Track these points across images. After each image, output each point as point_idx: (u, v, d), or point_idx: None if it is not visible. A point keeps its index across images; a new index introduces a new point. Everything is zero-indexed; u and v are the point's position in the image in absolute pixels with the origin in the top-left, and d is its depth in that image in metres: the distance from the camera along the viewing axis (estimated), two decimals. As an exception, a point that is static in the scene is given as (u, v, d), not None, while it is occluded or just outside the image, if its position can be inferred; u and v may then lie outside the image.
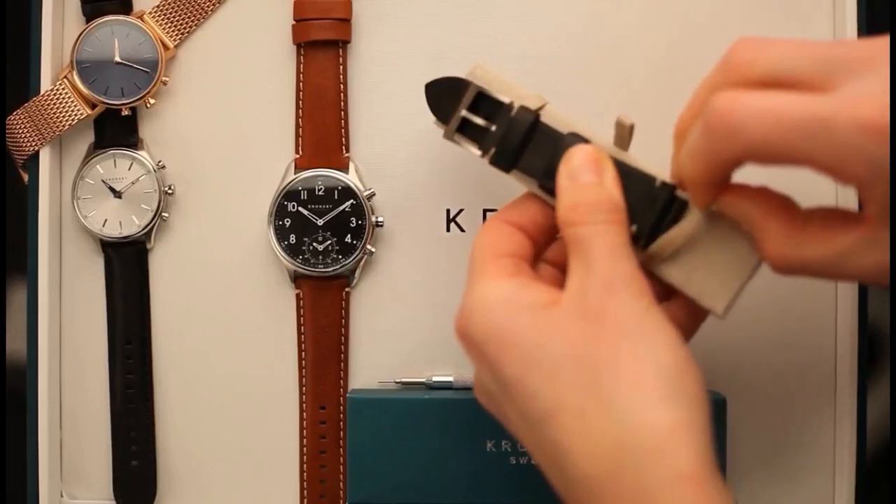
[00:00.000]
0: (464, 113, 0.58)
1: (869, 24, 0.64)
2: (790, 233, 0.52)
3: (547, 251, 0.57)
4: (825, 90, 0.49)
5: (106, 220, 0.65)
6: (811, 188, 0.56)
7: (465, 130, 0.58)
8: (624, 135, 0.56)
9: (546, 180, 0.56)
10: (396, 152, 0.65)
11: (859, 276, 0.51)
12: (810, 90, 0.49)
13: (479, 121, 0.58)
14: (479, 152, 0.58)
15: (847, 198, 0.63)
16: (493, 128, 0.57)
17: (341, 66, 0.65)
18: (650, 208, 0.55)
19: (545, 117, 0.57)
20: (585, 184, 0.54)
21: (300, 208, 0.64)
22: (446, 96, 0.59)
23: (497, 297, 0.52)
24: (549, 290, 0.53)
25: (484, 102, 0.58)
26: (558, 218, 0.54)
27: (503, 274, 0.53)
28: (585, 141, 0.56)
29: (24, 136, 0.64)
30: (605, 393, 0.49)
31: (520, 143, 0.57)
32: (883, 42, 0.49)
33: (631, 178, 0.56)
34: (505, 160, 0.57)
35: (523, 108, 0.57)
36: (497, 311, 0.52)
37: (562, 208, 0.54)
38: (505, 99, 0.58)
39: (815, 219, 0.52)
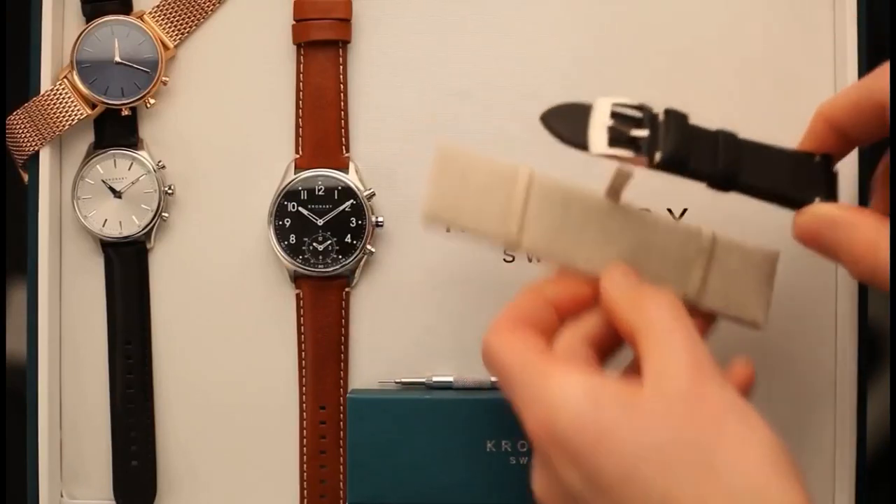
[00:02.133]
0: (611, 123, 0.55)
1: (869, 24, 0.64)
2: (886, 230, 0.52)
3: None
4: None
5: (106, 220, 0.65)
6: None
7: (611, 141, 0.55)
8: (620, 185, 0.56)
9: (724, 177, 0.56)
10: (396, 152, 0.65)
11: None
12: None
13: (637, 132, 0.55)
14: (638, 160, 0.55)
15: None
16: (645, 134, 0.55)
17: (341, 66, 0.65)
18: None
19: (536, 187, 0.57)
20: (641, 280, 0.54)
21: (300, 208, 0.64)
22: (572, 119, 0.56)
23: (582, 393, 0.49)
24: (622, 378, 0.51)
25: (618, 115, 0.55)
26: (619, 302, 0.52)
27: (575, 367, 0.51)
28: (735, 135, 0.56)
29: (24, 136, 0.64)
30: (723, 477, 0.47)
31: (686, 144, 0.55)
32: None
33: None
34: (677, 160, 0.55)
35: (671, 110, 0.56)
36: (586, 407, 0.49)
37: (623, 296, 0.53)
38: (646, 106, 0.56)
39: None
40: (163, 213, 0.65)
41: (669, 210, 0.65)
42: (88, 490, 0.66)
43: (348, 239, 0.64)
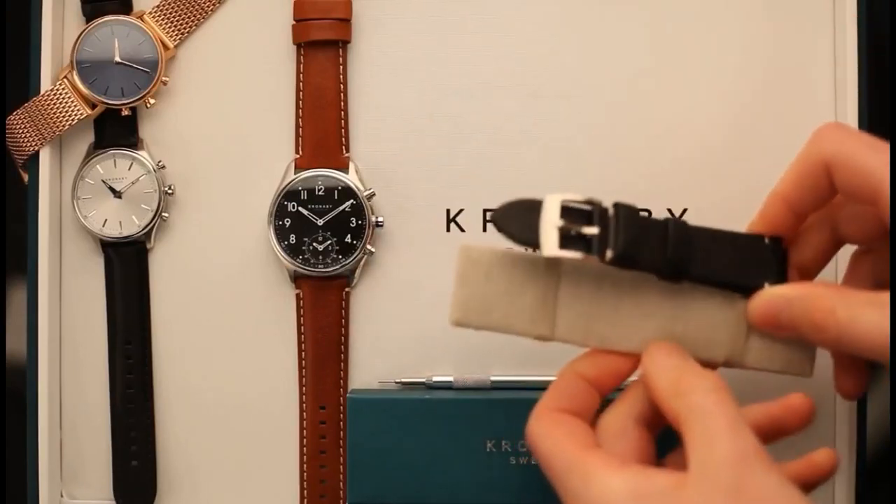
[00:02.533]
0: (561, 224, 0.55)
1: (869, 24, 0.64)
2: (839, 295, 0.53)
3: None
4: None
5: (106, 220, 0.65)
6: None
7: (562, 242, 0.55)
8: None
9: (675, 268, 0.56)
10: (396, 152, 0.65)
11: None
12: None
13: (587, 230, 0.55)
14: (589, 257, 0.55)
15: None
16: (596, 231, 0.55)
17: (341, 66, 0.65)
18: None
19: (565, 274, 0.57)
20: (684, 359, 0.53)
21: (300, 208, 0.64)
22: (523, 217, 0.56)
23: (625, 493, 0.49)
24: (664, 471, 0.51)
25: (568, 212, 0.56)
26: (661, 387, 0.52)
27: (618, 463, 0.51)
28: (684, 224, 0.56)
29: (24, 136, 0.64)
30: None
31: (637, 238, 0.55)
32: None
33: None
34: (630, 259, 0.55)
35: (619, 204, 0.56)
36: None
37: (666, 381, 0.52)
38: (595, 201, 0.56)
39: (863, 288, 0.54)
40: (163, 213, 0.65)
41: (669, 210, 0.65)
42: (88, 490, 0.66)
43: (348, 239, 0.64)
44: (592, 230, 0.55)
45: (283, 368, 0.65)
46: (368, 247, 0.64)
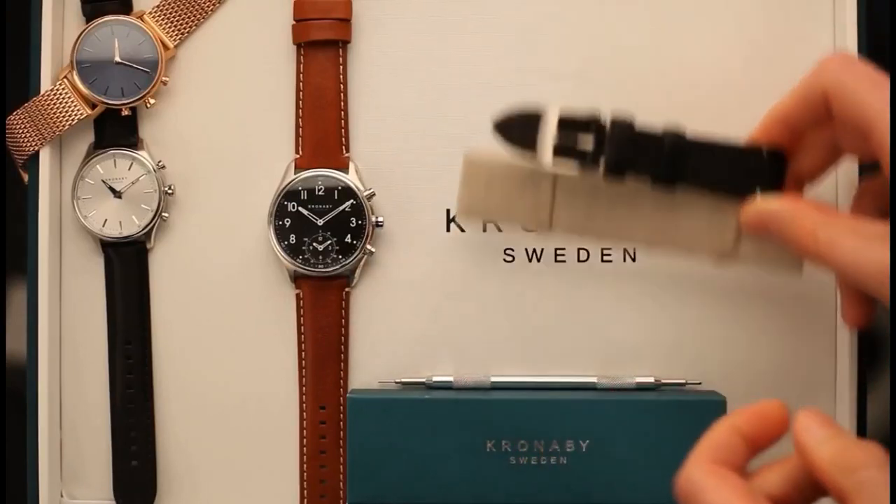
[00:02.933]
0: (558, 135, 0.58)
1: (869, 24, 0.64)
2: (825, 221, 0.54)
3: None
4: None
5: (106, 220, 0.65)
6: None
7: (557, 152, 0.59)
8: None
9: (667, 175, 0.58)
10: (396, 152, 0.65)
11: (871, 270, 0.52)
12: None
13: (584, 144, 0.58)
14: (584, 169, 0.59)
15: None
16: (591, 143, 0.58)
17: (341, 66, 0.65)
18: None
19: (561, 185, 0.60)
20: (840, 430, 0.52)
21: (300, 208, 0.64)
22: (523, 127, 0.59)
23: None
24: None
25: (567, 122, 0.59)
26: (824, 462, 0.51)
27: None
28: (682, 136, 0.59)
29: (24, 136, 0.64)
30: None
31: (631, 149, 0.58)
32: None
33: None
34: (622, 166, 0.58)
35: (618, 118, 0.58)
36: None
37: (829, 454, 0.51)
38: (593, 114, 0.59)
39: (847, 213, 0.56)
40: (163, 213, 0.65)
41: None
42: (88, 490, 0.66)
43: (348, 239, 0.64)
44: (588, 142, 0.58)
45: (283, 368, 0.65)
46: (368, 247, 0.64)
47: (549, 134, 0.59)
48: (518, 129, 0.59)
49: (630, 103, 0.65)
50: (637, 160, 0.58)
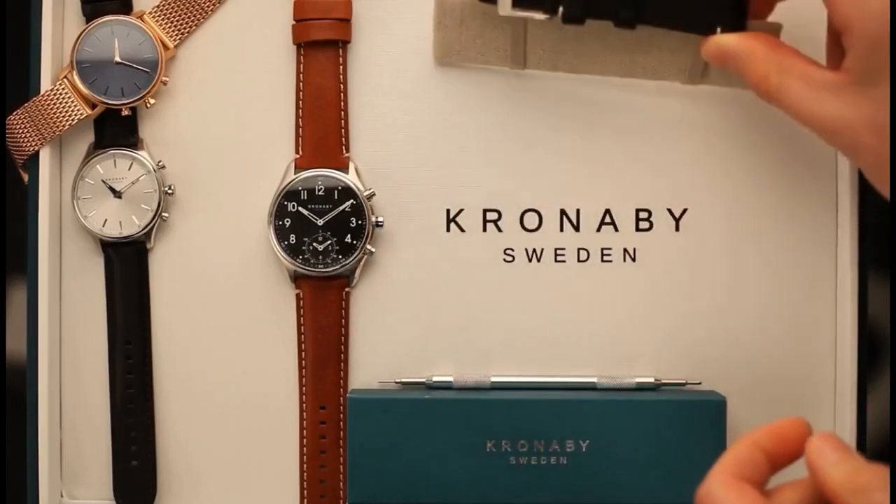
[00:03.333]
0: None
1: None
2: (776, 64, 0.55)
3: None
4: None
5: (106, 220, 0.65)
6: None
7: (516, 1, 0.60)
8: None
9: (626, 11, 0.59)
10: (396, 152, 0.65)
11: (813, 114, 0.54)
12: None
13: None
14: (544, 16, 0.60)
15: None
16: None
17: (341, 66, 0.65)
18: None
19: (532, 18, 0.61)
20: (851, 452, 0.53)
21: (300, 208, 0.64)
22: None
23: None
24: None
25: None
26: (838, 485, 0.52)
27: None
28: None
29: (24, 136, 0.64)
30: None
31: None
32: None
33: None
34: (579, 10, 0.59)
35: None
36: None
37: (841, 476, 0.52)
38: None
39: (801, 55, 0.56)
40: (163, 213, 0.65)
41: (669, 210, 0.65)
42: (88, 490, 0.66)
43: (348, 239, 0.64)
44: None
45: (283, 368, 0.65)
46: (368, 247, 0.64)
47: None
48: None
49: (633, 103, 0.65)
50: (596, 6, 0.59)
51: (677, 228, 0.65)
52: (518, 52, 0.62)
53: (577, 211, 0.65)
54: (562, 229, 0.65)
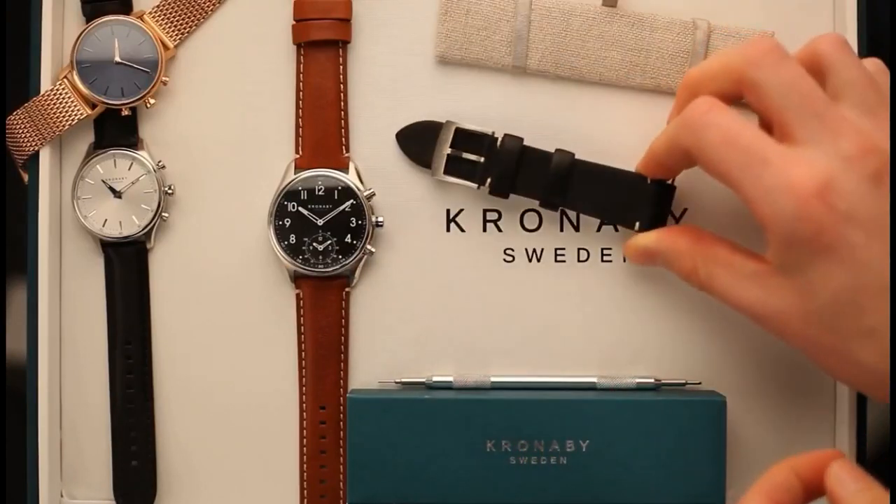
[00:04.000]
0: (449, 151, 0.63)
1: (869, 24, 0.64)
2: (703, 257, 0.58)
3: None
4: (792, 142, 0.55)
5: (106, 220, 0.65)
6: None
7: (449, 167, 0.63)
8: None
9: (551, 194, 0.62)
10: (397, 152, 0.65)
11: (741, 304, 0.57)
12: (781, 134, 0.55)
13: (469, 156, 0.63)
14: (473, 185, 0.63)
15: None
16: (482, 159, 0.62)
17: (341, 66, 0.65)
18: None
19: (537, 11, 0.63)
20: (869, 481, 0.54)
21: (300, 208, 0.64)
22: (421, 140, 0.63)
23: None
24: None
25: (462, 138, 0.63)
26: None
27: None
28: (571, 155, 0.62)
29: (24, 136, 0.64)
30: None
31: (515, 168, 0.62)
32: (864, 123, 0.54)
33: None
34: (505, 186, 0.62)
35: (509, 136, 0.62)
36: None
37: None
38: (487, 130, 0.62)
39: (725, 245, 0.58)
40: (163, 213, 0.65)
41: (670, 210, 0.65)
42: (88, 490, 0.66)
43: (348, 239, 0.64)
44: (478, 158, 0.62)
45: (283, 368, 0.65)
46: (368, 247, 0.64)
47: (444, 147, 0.63)
48: (416, 140, 0.63)
49: (635, 105, 0.65)
50: (523, 180, 0.62)
51: (677, 228, 0.65)
52: (521, 49, 0.63)
53: (577, 211, 0.65)
54: (562, 229, 0.65)
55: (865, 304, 0.54)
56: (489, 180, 0.62)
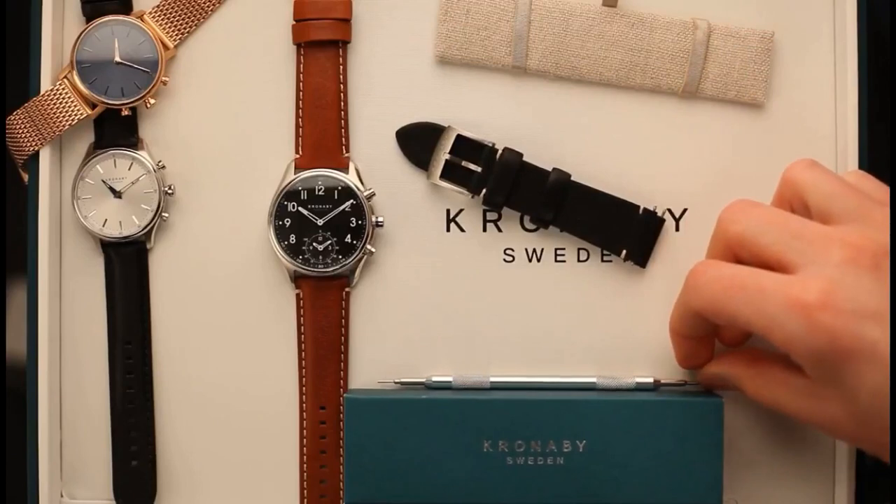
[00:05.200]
0: (448, 157, 0.63)
1: (869, 24, 0.64)
2: (761, 379, 0.60)
3: None
4: (788, 270, 0.56)
5: (106, 220, 0.65)
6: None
7: (446, 172, 0.63)
8: None
9: (543, 212, 0.63)
10: (397, 152, 0.65)
11: (801, 417, 0.58)
12: (780, 269, 0.56)
13: (469, 165, 0.63)
14: (468, 194, 0.63)
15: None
16: (479, 169, 0.63)
17: (341, 66, 0.65)
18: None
19: (537, 11, 0.63)
20: None
21: (300, 208, 0.64)
22: (421, 140, 0.64)
23: None
24: None
25: (463, 145, 0.63)
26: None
27: None
28: (568, 176, 0.62)
29: (24, 136, 0.64)
30: None
31: (511, 183, 0.62)
32: (850, 228, 0.56)
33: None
34: (499, 199, 0.63)
35: (509, 150, 0.62)
36: None
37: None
38: (487, 141, 0.63)
39: (779, 362, 0.59)
40: (163, 213, 0.65)
41: (669, 210, 0.65)
42: (88, 490, 0.66)
43: (348, 239, 0.64)
44: (476, 168, 0.63)
45: (283, 368, 0.65)
46: (368, 247, 0.64)
47: (443, 152, 0.63)
48: (417, 141, 0.63)
49: (636, 106, 0.65)
50: (517, 195, 0.63)
51: (677, 228, 0.65)
52: (521, 48, 0.63)
53: (577, 211, 0.65)
54: (562, 230, 0.65)
55: None
56: (484, 191, 0.63)
